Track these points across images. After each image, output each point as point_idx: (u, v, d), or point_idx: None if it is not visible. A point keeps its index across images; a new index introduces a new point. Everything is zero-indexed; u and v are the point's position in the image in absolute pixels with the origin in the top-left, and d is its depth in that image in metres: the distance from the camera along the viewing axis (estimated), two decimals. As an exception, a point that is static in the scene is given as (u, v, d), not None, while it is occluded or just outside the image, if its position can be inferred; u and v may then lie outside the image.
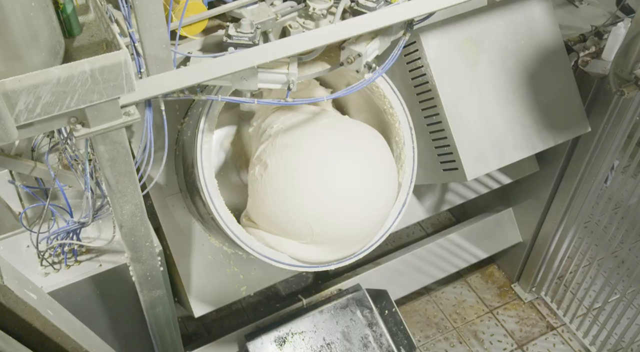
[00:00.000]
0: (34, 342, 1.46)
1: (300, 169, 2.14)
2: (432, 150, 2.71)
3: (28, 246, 2.06)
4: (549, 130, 2.75)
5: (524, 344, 3.67)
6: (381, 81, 2.28)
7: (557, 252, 3.56)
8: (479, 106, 2.58)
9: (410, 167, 2.44)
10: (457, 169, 2.65)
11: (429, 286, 3.84)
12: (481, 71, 2.56)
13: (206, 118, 2.05)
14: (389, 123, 2.40)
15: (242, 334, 3.06)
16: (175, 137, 2.35)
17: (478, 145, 2.62)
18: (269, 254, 2.22)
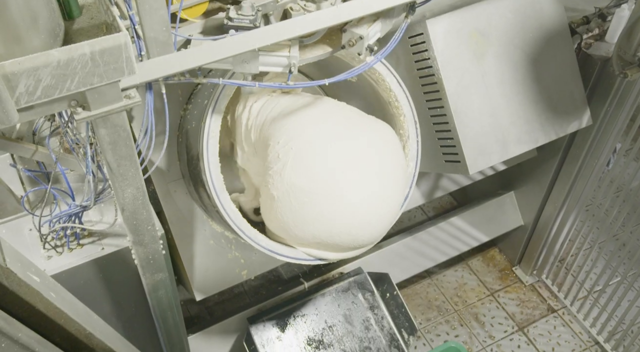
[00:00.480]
0: (37, 324, 1.46)
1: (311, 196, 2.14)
2: (435, 140, 2.70)
3: (30, 230, 2.07)
4: (551, 123, 2.75)
5: (524, 326, 3.69)
6: (387, 74, 2.25)
7: (559, 235, 3.57)
8: (484, 100, 2.58)
9: (414, 161, 2.43)
10: (460, 162, 2.65)
11: (430, 269, 3.86)
12: (487, 64, 2.54)
13: (213, 110, 2.03)
14: (394, 115, 2.39)
15: (244, 317, 3.08)
16: (178, 123, 2.34)
17: (481, 139, 2.62)
18: (273, 248, 2.23)
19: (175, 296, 2.28)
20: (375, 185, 2.22)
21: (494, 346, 3.59)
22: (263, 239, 2.21)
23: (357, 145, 2.21)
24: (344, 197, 2.15)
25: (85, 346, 1.65)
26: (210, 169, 2.05)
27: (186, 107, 2.31)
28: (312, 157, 2.14)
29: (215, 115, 2.04)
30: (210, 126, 2.04)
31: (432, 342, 3.61)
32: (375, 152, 2.25)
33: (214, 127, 2.04)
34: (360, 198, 2.18)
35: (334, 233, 2.19)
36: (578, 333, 3.65)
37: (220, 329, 3.12)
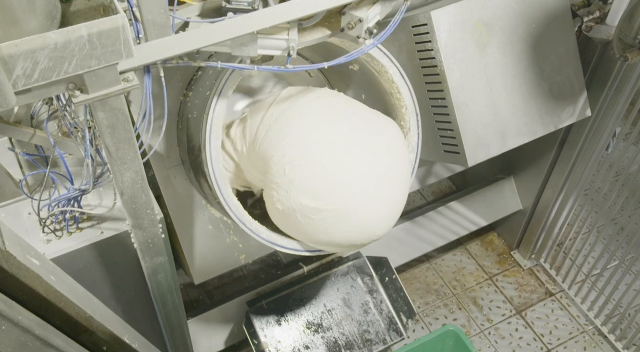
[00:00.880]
0: (38, 307, 1.47)
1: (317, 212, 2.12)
2: (434, 130, 2.69)
3: (29, 213, 2.07)
4: (550, 115, 2.75)
5: (522, 310, 3.71)
6: (391, 66, 2.24)
7: (557, 219, 3.57)
8: (486, 92, 2.56)
9: (414, 152, 2.43)
10: (459, 154, 2.65)
11: (429, 253, 3.87)
12: (490, 55, 2.53)
13: (216, 104, 2.01)
14: (395, 107, 2.37)
15: (243, 300, 3.09)
16: (178, 108, 2.32)
17: (481, 131, 2.61)
18: (274, 239, 2.25)
19: (174, 280, 2.28)
20: (386, 201, 2.20)
21: (492, 329, 3.62)
22: (264, 231, 2.21)
23: (367, 158, 2.16)
24: (353, 215, 2.13)
25: (86, 328, 1.65)
26: (213, 164, 2.04)
27: (186, 92, 2.29)
28: (321, 177, 2.09)
29: (218, 108, 2.01)
30: (213, 121, 2.01)
31: (431, 326, 3.63)
32: (385, 163, 2.20)
33: (217, 121, 2.02)
34: (371, 216, 2.16)
35: (339, 242, 2.20)
36: (575, 316, 3.67)
37: (219, 312, 3.14)
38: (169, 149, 2.37)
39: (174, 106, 2.29)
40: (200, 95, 2.16)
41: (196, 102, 2.17)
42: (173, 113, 2.32)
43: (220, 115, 2.03)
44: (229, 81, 2.03)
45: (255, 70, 1.93)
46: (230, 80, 2.03)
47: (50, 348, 1.44)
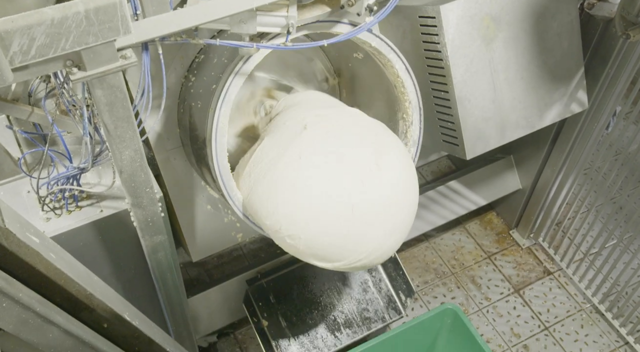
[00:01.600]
0: (38, 285, 1.47)
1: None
2: (434, 118, 2.69)
3: (29, 191, 2.07)
4: (549, 108, 2.76)
5: (520, 288, 3.73)
6: (397, 61, 2.21)
7: (556, 198, 3.58)
8: (489, 86, 2.56)
9: (414, 146, 2.42)
10: (458, 146, 2.65)
11: (428, 232, 3.88)
12: (495, 50, 2.51)
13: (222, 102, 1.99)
14: (399, 99, 2.35)
15: (243, 279, 3.11)
16: (179, 90, 2.29)
17: (481, 124, 2.61)
18: None
19: (174, 258, 2.29)
20: (395, 241, 2.10)
21: (490, 307, 3.64)
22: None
23: (376, 206, 1.98)
24: (364, 259, 2.02)
25: (86, 306, 1.66)
26: (219, 161, 2.03)
27: (187, 75, 2.26)
28: (328, 243, 1.97)
29: (224, 109, 1.99)
30: (219, 118, 2.00)
31: (429, 304, 3.66)
32: (396, 206, 2.03)
33: (223, 118, 2.00)
34: (379, 254, 2.06)
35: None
36: (573, 295, 3.70)
37: (219, 291, 3.16)
38: (169, 131, 2.36)
39: (174, 88, 2.27)
40: (205, 86, 2.13)
41: (200, 92, 2.14)
42: (173, 94, 2.29)
43: (227, 113, 2.00)
44: (235, 80, 1.99)
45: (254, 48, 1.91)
46: (237, 78, 1.99)
47: (51, 325, 1.44)
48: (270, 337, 2.86)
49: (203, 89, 2.13)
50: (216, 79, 2.04)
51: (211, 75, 2.11)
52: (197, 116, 2.15)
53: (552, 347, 3.47)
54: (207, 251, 2.69)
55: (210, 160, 2.03)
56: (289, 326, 2.90)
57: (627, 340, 3.46)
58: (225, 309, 3.20)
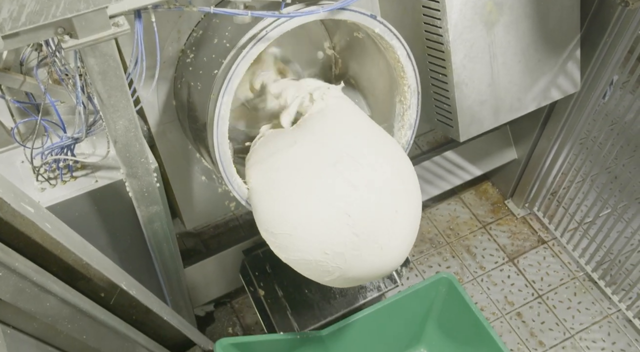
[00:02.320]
0: (34, 254, 1.48)
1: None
2: (430, 97, 2.69)
3: (23, 162, 2.06)
4: (543, 90, 2.77)
5: (514, 257, 3.77)
6: (399, 48, 2.17)
7: (552, 168, 3.59)
8: (486, 69, 2.55)
9: (410, 130, 2.40)
10: (452, 127, 2.66)
11: (423, 202, 3.86)
12: (496, 34, 2.49)
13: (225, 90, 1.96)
14: (398, 82, 2.33)
15: (239, 249, 3.12)
16: (175, 64, 2.26)
17: (477, 107, 2.61)
18: None
19: (170, 229, 2.30)
20: (403, 244, 2.04)
21: (485, 276, 3.68)
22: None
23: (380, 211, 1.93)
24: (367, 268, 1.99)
25: (83, 276, 1.67)
26: (220, 149, 2.01)
27: (184, 50, 2.22)
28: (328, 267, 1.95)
29: (227, 97, 1.96)
30: (222, 106, 1.97)
31: (424, 274, 3.69)
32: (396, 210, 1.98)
33: (225, 106, 1.97)
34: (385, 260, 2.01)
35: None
36: (567, 263, 3.73)
37: (216, 261, 3.17)
38: (164, 103, 2.33)
39: (171, 61, 2.23)
40: (205, 68, 2.08)
41: (200, 73, 2.10)
42: (170, 66, 2.25)
43: (229, 101, 1.97)
44: (238, 68, 1.95)
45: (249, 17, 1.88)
46: (240, 67, 1.95)
47: (48, 294, 1.45)
48: (267, 306, 2.88)
49: (203, 70, 2.09)
50: (217, 64, 2.01)
51: (212, 58, 2.07)
52: (197, 98, 2.13)
53: (545, 315, 3.52)
54: (201, 219, 2.70)
55: (212, 147, 2.03)
56: (285, 295, 2.92)
57: (619, 307, 3.51)
58: (222, 278, 3.22)
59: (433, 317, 2.90)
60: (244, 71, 1.94)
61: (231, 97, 1.95)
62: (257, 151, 2.11)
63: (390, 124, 2.44)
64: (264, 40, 1.91)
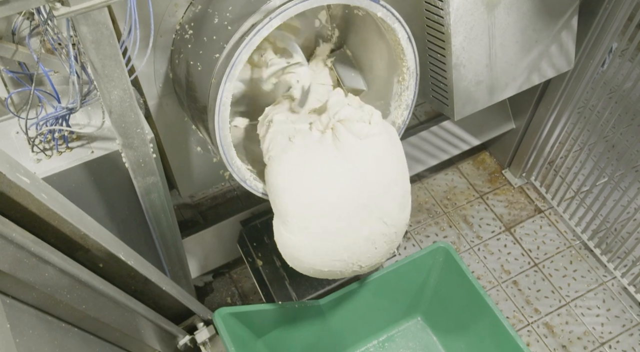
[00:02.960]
0: (31, 225, 1.47)
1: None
2: (426, 72, 2.68)
3: (17, 132, 2.04)
4: (537, 69, 2.77)
5: (511, 226, 3.78)
6: (400, 30, 2.14)
7: (549, 138, 3.58)
8: (484, 50, 2.54)
9: (407, 110, 2.40)
10: (447, 106, 2.67)
11: (421, 173, 3.89)
12: (497, 16, 2.47)
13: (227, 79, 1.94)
14: (397, 63, 2.31)
15: (237, 220, 3.13)
16: (172, 37, 2.22)
17: (473, 88, 2.62)
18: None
19: (168, 199, 2.29)
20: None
21: (481, 245, 3.70)
22: (262, 186, 2.27)
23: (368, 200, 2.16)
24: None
25: (81, 246, 1.67)
26: (221, 134, 2.02)
27: (182, 24, 2.18)
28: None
29: (229, 84, 1.94)
30: (224, 92, 1.96)
31: (422, 243, 3.71)
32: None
33: (227, 93, 1.97)
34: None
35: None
36: (563, 232, 3.75)
37: (214, 232, 3.18)
38: (160, 76, 2.30)
39: (167, 33, 2.19)
40: (205, 49, 2.04)
41: (200, 53, 2.06)
42: (166, 39, 2.21)
43: (231, 87, 1.96)
44: (240, 56, 1.93)
45: None
46: (243, 54, 1.93)
47: (46, 265, 1.45)
48: (265, 276, 2.90)
49: (203, 51, 2.06)
50: (219, 48, 1.97)
51: (213, 40, 2.03)
52: (197, 79, 2.10)
53: (540, 283, 3.55)
54: (195, 187, 2.72)
55: (212, 130, 2.03)
56: (283, 265, 2.94)
57: (614, 274, 3.55)
58: (220, 249, 3.23)
59: (430, 286, 2.92)
60: (247, 58, 1.92)
61: (233, 83, 1.94)
62: (285, 152, 2.14)
63: (386, 102, 2.43)
64: (267, 27, 1.89)
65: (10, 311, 1.33)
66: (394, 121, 2.42)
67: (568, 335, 3.37)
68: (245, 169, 2.19)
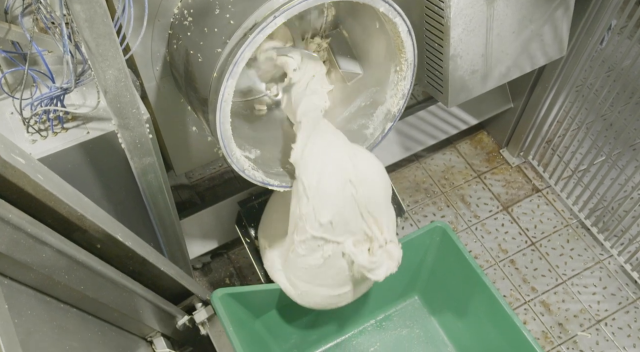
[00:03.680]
0: (28, 206, 1.46)
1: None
2: (423, 60, 2.69)
3: (12, 113, 2.02)
4: (530, 57, 2.79)
5: (509, 205, 3.79)
6: (401, 24, 2.12)
7: (547, 116, 3.57)
8: (481, 41, 2.54)
9: (403, 99, 2.40)
10: (442, 93, 2.70)
11: (418, 153, 3.89)
12: (496, 8, 2.48)
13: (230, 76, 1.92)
14: (395, 53, 2.30)
15: (235, 200, 3.13)
16: (170, 21, 2.19)
17: (467, 77, 2.64)
18: (267, 181, 2.34)
19: (165, 180, 2.28)
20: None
21: (479, 224, 3.71)
22: (260, 175, 2.27)
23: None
24: None
25: (78, 227, 1.66)
26: (222, 126, 2.03)
27: (180, 8, 2.14)
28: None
29: (231, 81, 1.93)
30: (226, 89, 1.95)
31: (419, 223, 3.71)
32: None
33: (229, 89, 1.96)
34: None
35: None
36: (560, 211, 3.76)
37: (211, 212, 3.18)
38: (158, 60, 2.27)
39: (164, 16, 2.15)
40: (207, 41, 2.01)
41: (201, 44, 2.03)
42: (164, 23, 2.18)
43: (233, 84, 1.95)
44: (247, 51, 1.91)
45: None
46: (249, 47, 1.91)
47: (43, 245, 1.45)
48: (263, 256, 2.90)
49: (204, 43, 2.03)
50: (221, 43, 1.94)
51: (214, 33, 1.99)
52: (197, 70, 2.08)
53: (537, 262, 3.57)
54: (190, 165, 2.74)
55: (212, 123, 2.04)
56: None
57: (610, 253, 3.56)
58: (218, 230, 3.23)
59: (427, 266, 2.93)
60: (251, 53, 1.91)
61: (235, 80, 1.93)
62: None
63: (382, 89, 2.42)
64: (271, 26, 1.87)
65: (8, 291, 1.33)
66: (390, 109, 2.43)
67: (564, 313, 3.39)
68: (244, 160, 2.21)
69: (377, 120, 2.49)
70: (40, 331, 1.39)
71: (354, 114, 2.54)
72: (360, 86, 2.51)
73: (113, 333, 1.89)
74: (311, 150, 2.22)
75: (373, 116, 2.49)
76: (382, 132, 2.48)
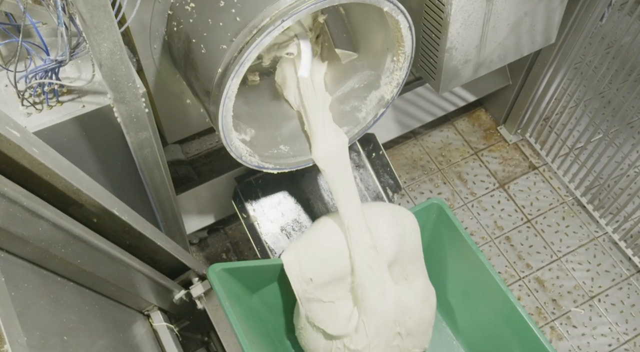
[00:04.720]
0: (24, 180, 1.46)
1: None
2: (419, 47, 2.74)
3: (6, 85, 2.00)
4: (522, 45, 2.84)
5: (505, 183, 3.80)
6: (402, 21, 2.12)
7: (545, 93, 3.56)
8: (477, 33, 2.57)
9: (397, 88, 2.41)
10: (434, 80, 2.77)
11: (416, 129, 3.88)
12: (495, 4, 2.50)
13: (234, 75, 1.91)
14: (394, 44, 2.29)
15: (231, 176, 3.12)
16: (171, 1, 2.15)
17: (460, 66, 2.69)
18: (262, 166, 2.41)
19: (161, 155, 2.27)
20: None
21: (475, 202, 3.72)
22: (256, 160, 2.32)
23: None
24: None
25: (74, 201, 1.66)
26: (224, 119, 2.04)
27: None
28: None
29: (236, 79, 1.93)
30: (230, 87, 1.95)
31: (416, 200, 3.72)
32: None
33: (234, 87, 1.96)
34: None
35: None
36: (557, 188, 3.77)
37: (208, 188, 3.18)
38: (156, 38, 2.24)
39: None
40: (210, 32, 1.99)
41: (205, 35, 2.00)
42: (164, 2, 2.14)
43: (238, 82, 1.94)
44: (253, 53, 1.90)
45: None
46: (256, 49, 1.90)
47: (40, 219, 1.44)
48: (260, 232, 2.91)
49: (208, 34, 1.99)
50: (227, 40, 1.92)
51: (219, 26, 1.96)
52: (200, 60, 2.06)
53: (533, 239, 3.58)
54: (182, 133, 2.77)
55: (214, 115, 2.06)
56: (278, 221, 2.94)
57: (605, 230, 3.58)
58: (215, 205, 3.23)
59: (423, 242, 2.94)
60: (257, 53, 1.90)
61: (240, 78, 1.93)
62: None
63: (377, 74, 2.42)
64: (279, 28, 1.86)
65: (5, 265, 1.33)
66: (383, 96, 2.42)
67: (558, 289, 3.42)
68: (242, 147, 2.22)
69: (370, 105, 2.49)
70: (37, 304, 1.39)
71: (347, 94, 2.53)
72: (356, 66, 2.49)
73: (110, 307, 1.90)
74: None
75: (366, 100, 2.49)
76: (374, 117, 2.48)
